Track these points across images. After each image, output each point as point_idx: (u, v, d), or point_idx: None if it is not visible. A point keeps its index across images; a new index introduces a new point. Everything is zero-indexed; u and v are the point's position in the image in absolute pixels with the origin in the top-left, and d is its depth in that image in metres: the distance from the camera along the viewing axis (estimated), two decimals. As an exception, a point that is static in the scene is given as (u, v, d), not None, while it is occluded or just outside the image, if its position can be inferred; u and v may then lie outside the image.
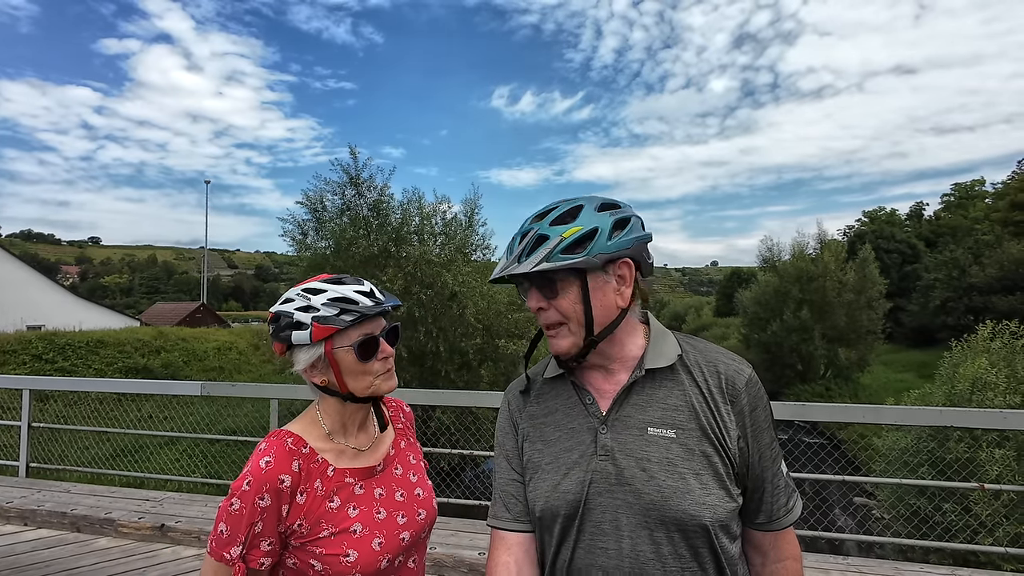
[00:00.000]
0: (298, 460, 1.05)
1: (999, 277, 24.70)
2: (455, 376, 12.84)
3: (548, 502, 0.93)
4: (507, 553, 0.97)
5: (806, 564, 2.93)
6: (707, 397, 0.93)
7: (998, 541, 5.67)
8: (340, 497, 1.07)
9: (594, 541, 0.90)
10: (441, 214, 14.52)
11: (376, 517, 1.09)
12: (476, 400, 4.13)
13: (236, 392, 5.07)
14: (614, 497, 0.90)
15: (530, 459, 1.00)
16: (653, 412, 0.93)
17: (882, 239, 35.57)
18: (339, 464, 1.10)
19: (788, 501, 0.97)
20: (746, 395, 0.94)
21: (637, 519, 0.88)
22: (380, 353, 1.09)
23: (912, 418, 3.52)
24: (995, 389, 7.81)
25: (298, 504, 1.03)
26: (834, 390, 22.45)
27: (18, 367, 16.34)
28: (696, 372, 0.96)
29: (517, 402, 1.07)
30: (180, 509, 3.78)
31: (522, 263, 0.91)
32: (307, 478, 1.05)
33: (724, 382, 0.94)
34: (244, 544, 0.98)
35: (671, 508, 0.86)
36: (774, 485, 0.95)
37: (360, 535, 1.05)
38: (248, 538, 0.98)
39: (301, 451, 1.06)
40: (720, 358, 0.98)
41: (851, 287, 24.09)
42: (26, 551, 3.36)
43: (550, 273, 0.91)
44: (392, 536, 1.09)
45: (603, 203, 0.96)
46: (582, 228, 0.91)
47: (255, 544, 0.99)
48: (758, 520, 0.96)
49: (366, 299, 1.07)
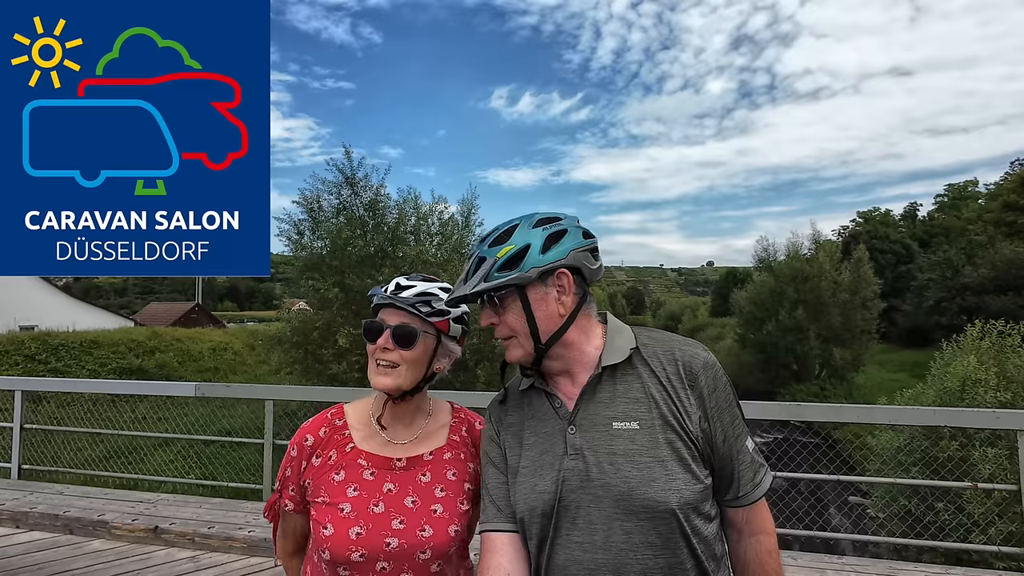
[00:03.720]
0: (326, 428, 1.16)
1: (992, 277, 24.90)
2: (451, 377, 12.81)
3: (527, 503, 0.97)
4: (499, 555, 0.98)
5: (802, 564, 2.95)
6: (665, 385, 0.97)
7: (991, 540, 5.71)
8: (347, 473, 1.11)
9: (570, 537, 0.94)
10: (438, 214, 14.52)
11: (370, 508, 1.08)
12: (473, 401, 4.12)
13: (231, 393, 5.06)
14: (585, 492, 0.94)
15: (511, 465, 1.04)
16: (616, 407, 0.97)
17: (876, 239, 35.80)
18: (361, 445, 1.14)
19: (755, 476, 1.00)
20: (703, 377, 0.97)
21: (608, 511, 0.92)
22: (379, 342, 1.10)
23: (905, 418, 3.55)
24: (986, 385, 7.89)
25: (313, 466, 1.13)
26: (829, 390, 22.58)
27: (10, 368, 16.21)
28: (654, 362, 1.00)
29: (496, 414, 1.12)
30: (174, 511, 3.76)
31: (466, 285, 1.01)
32: (326, 445, 1.14)
33: (681, 368, 0.98)
34: (282, 485, 1.17)
35: (638, 497, 0.90)
36: (740, 461, 0.98)
37: (345, 516, 1.06)
38: (283, 481, 1.17)
39: (335, 422, 1.17)
40: (676, 345, 1.02)
41: (846, 287, 24.24)
42: (18, 553, 3.34)
43: (491, 291, 0.99)
44: (376, 534, 1.05)
45: (540, 219, 1.03)
46: (515, 247, 0.99)
47: (285, 486, 1.16)
48: (727, 497, 1.00)
49: (389, 288, 1.13)
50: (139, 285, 75.38)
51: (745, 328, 28.07)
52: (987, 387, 7.86)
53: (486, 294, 1.00)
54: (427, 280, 1.15)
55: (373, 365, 1.11)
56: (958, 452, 6.68)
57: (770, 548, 1.00)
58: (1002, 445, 6.58)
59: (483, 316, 1.04)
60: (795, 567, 2.89)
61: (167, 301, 54.56)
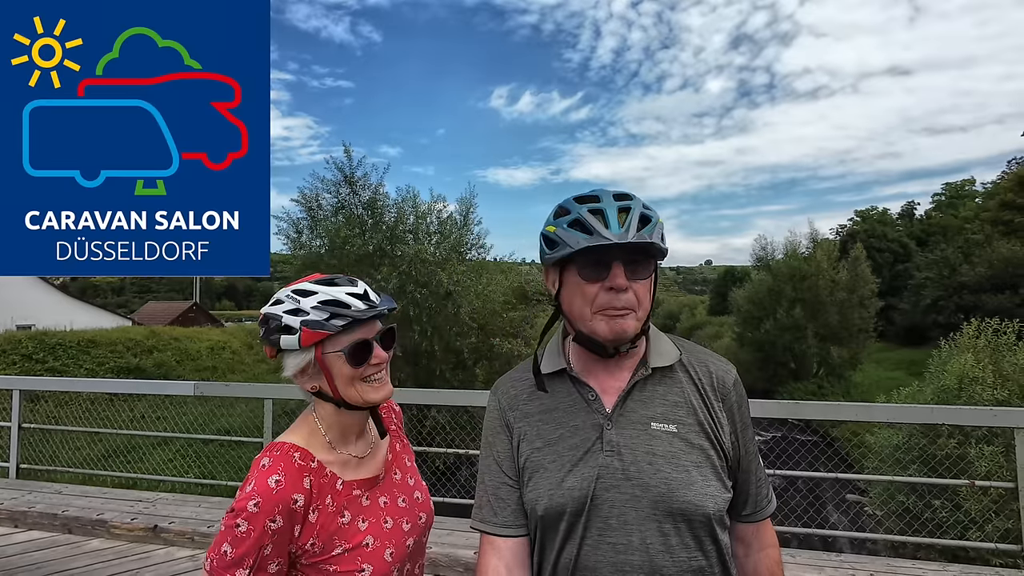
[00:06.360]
0: (309, 477, 1.00)
1: (989, 276, 24.95)
2: (450, 375, 12.85)
3: (552, 500, 0.92)
4: (497, 558, 0.97)
5: (800, 561, 2.96)
6: (703, 395, 0.97)
7: (988, 537, 5.74)
8: (350, 511, 1.04)
9: (602, 536, 0.90)
10: (436, 213, 14.51)
11: (384, 527, 1.07)
12: (471, 399, 4.14)
13: (230, 392, 5.05)
14: (621, 492, 0.90)
15: (529, 459, 0.98)
16: (655, 408, 0.96)
17: (874, 238, 35.85)
18: (346, 476, 1.06)
19: (768, 492, 1.04)
20: (734, 393, 0.99)
21: (645, 512, 0.89)
22: (373, 359, 1.03)
23: (903, 416, 3.57)
24: (983, 383, 7.92)
25: (310, 523, 0.99)
26: (827, 388, 22.63)
27: (8, 367, 16.16)
28: (692, 371, 1.00)
29: (509, 400, 1.04)
30: (173, 510, 3.76)
31: (649, 234, 0.89)
32: (319, 495, 1.00)
33: (715, 381, 0.99)
34: (252, 568, 0.93)
35: (677, 499, 0.89)
36: (758, 478, 1.02)
37: (372, 548, 1.03)
38: (256, 561, 0.93)
39: (310, 466, 1.01)
40: (709, 359, 1.03)
41: (843, 286, 24.27)
42: (17, 553, 3.33)
43: (651, 253, 0.92)
44: (400, 544, 1.08)
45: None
46: (656, 217, 0.93)
47: (263, 567, 0.94)
48: (745, 511, 1.01)
49: (359, 302, 1.02)
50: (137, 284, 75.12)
51: (743, 327, 28.10)
52: (984, 385, 7.89)
53: (635, 255, 0.91)
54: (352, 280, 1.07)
55: (363, 386, 1.03)
56: (955, 450, 6.71)
57: (777, 559, 1.03)
58: (999, 443, 6.61)
59: (615, 276, 0.90)
60: (793, 565, 2.91)
61: (165, 300, 54.42)
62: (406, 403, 5.55)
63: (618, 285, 0.90)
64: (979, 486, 3.39)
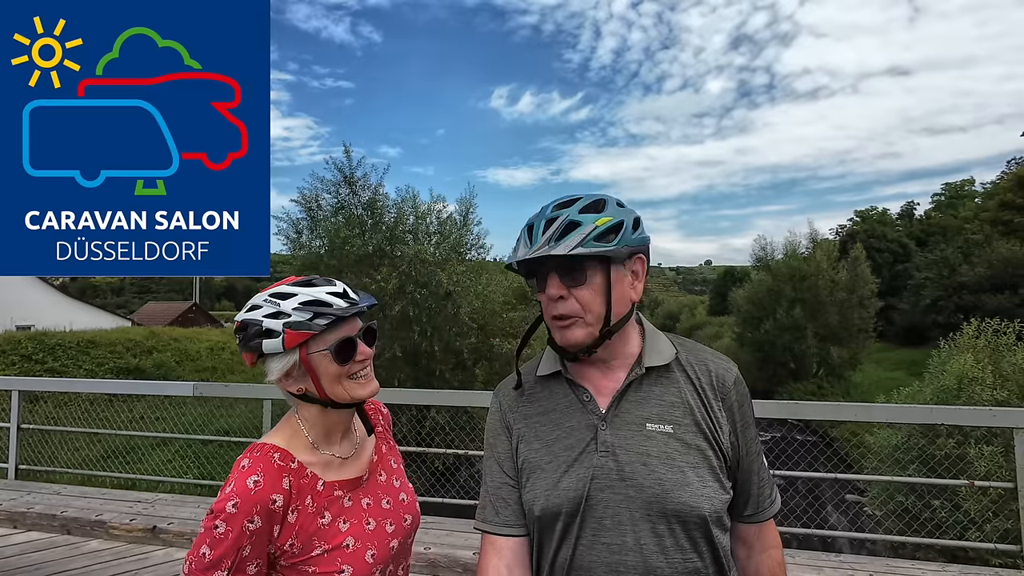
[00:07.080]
0: (288, 477, 0.99)
1: (988, 276, 24.97)
2: (450, 376, 12.82)
3: (548, 500, 0.93)
4: (498, 557, 0.97)
5: (800, 562, 2.96)
6: (701, 394, 0.97)
7: (987, 537, 5.74)
8: (331, 512, 1.03)
9: (596, 537, 0.91)
10: (436, 213, 14.51)
11: (366, 528, 1.07)
12: (471, 400, 4.14)
13: (229, 392, 5.05)
14: (616, 492, 0.91)
15: (527, 459, 0.99)
16: (650, 408, 0.95)
17: (873, 238, 35.87)
18: (327, 477, 1.06)
19: (771, 493, 1.02)
20: (735, 392, 0.98)
21: (639, 512, 0.89)
22: (358, 355, 1.03)
23: (903, 416, 3.57)
24: (982, 383, 7.93)
25: (289, 524, 0.98)
26: (826, 388, 22.64)
27: (7, 368, 16.14)
28: (689, 370, 0.99)
29: (509, 402, 1.06)
30: (172, 511, 3.76)
31: (558, 245, 0.90)
32: (298, 495, 1.00)
33: (715, 379, 0.98)
34: (230, 569, 0.92)
35: (672, 500, 0.88)
36: (760, 478, 1.00)
37: (353, 549, 1.03)
38: (235, 562, 0.92)
39: (290, 466, 1.01)
40: (709, 357, 1.02)
41: (843, 286, 24.28)
42: (16, 554, 3.33)
43: (581, 259, 0.91)
44: (383, 546, 1.08)
45: (618, 201, 0.99)
46: (611, 219, 0.92)
47: (241, 568, 0.94)
48: (747, 512, 1.00)
49: (339, 300, 1.02)
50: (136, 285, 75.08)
51: (743, 327, 28.10)
52: (983, 385, 7.90)
53: (566, 263, 0.92)
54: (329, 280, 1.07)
55: (349, 383, 1.04)
56: (955, 450, 6.71)
57: (780, 561, 1.02)
58: (998, 443, 6.61)
59: (550, 285, 0.93)
60: (793, 565, 2.91)
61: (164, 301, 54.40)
62: (406, 403, 5.51)
63: (551, 295, 0.94)
64: (978, 486, 3.39)
